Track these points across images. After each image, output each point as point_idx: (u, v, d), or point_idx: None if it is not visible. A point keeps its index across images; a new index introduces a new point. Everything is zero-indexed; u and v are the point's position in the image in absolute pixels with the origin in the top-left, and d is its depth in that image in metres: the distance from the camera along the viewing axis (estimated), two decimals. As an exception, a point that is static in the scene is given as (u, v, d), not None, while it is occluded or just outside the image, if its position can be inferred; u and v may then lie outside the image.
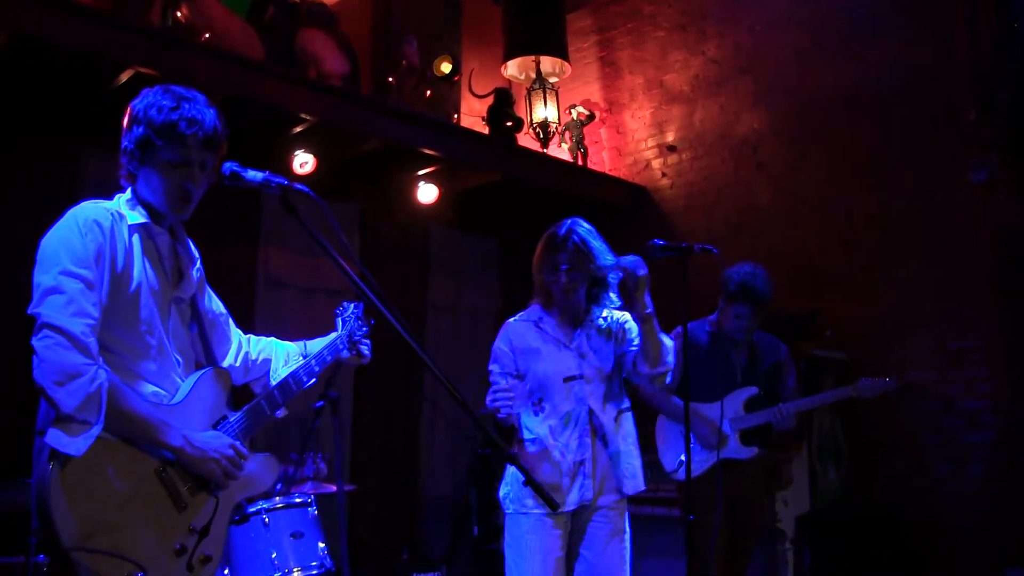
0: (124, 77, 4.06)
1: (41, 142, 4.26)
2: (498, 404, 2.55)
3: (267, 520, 3.18)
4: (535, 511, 2.71)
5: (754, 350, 3.75)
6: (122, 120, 1.98)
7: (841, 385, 4.74)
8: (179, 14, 4.38)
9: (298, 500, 3.33)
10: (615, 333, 2.92)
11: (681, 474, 3.68)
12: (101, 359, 1.79)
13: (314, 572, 3.23)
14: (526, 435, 2.80)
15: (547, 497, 1.92)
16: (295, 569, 3.18)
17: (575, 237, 2.93)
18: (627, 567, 2.84)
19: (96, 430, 1.71)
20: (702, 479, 3.58)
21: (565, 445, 2.77)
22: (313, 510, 3.37)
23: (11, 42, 3.77)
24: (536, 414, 2.79)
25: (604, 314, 2.94)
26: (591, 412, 2.80)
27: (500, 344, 2.96)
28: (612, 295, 2.97)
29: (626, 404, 2.94)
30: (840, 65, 5.22)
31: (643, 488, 2.88)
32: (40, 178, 4.23)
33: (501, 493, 2.86)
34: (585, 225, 2.99)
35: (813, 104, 5.33)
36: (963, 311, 4.60)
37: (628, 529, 2.88)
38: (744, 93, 5.67)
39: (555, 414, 2.78)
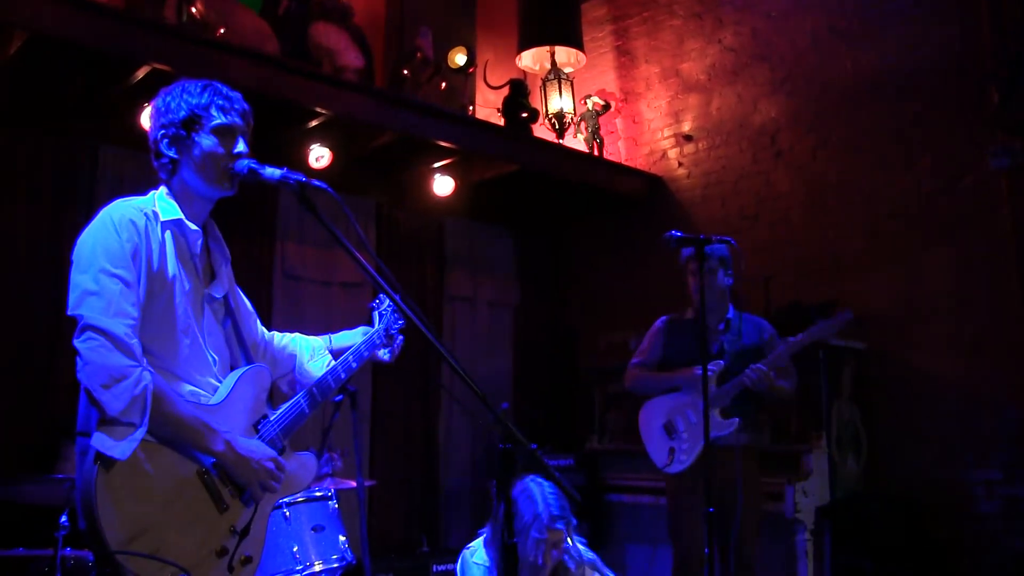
0: (140, 74, 4.08)
1: (59, 139, 4.29)
2: None
3: (288, 514, 3.20)
4: None
5: (733, 332, 3.71)
6: (144, 117, 2.00)
7: (860, 376, 4.76)
8: (194, 10, 4.39)
9: (318, 494, 3.35)
10: None
11: (673, 468, 3.67)
12: (145, 360, 1.80)
13: (335, 565, 3.25)
14: None
15: (570, 492, 1.92)
16: (316, 562, 3.20)
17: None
18: None
19: (140, 433, 1.72)
20: (694, 469, 3.57)
21: None
22: (334, 504, 3.39)
23: (29, 41, 3.80)
24: None
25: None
26: None
27: None
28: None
29: None
30: (859, 50, 5.16)
31: None
32: (59, 174, 4.27)
33: None
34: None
35: (832, 91, 5.27)
36: (986, 299, 4.55)
37: None
38: (761, 81, 5.62)
39: None
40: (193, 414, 1.84)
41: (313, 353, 2.36)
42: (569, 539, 2.94)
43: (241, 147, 1.98)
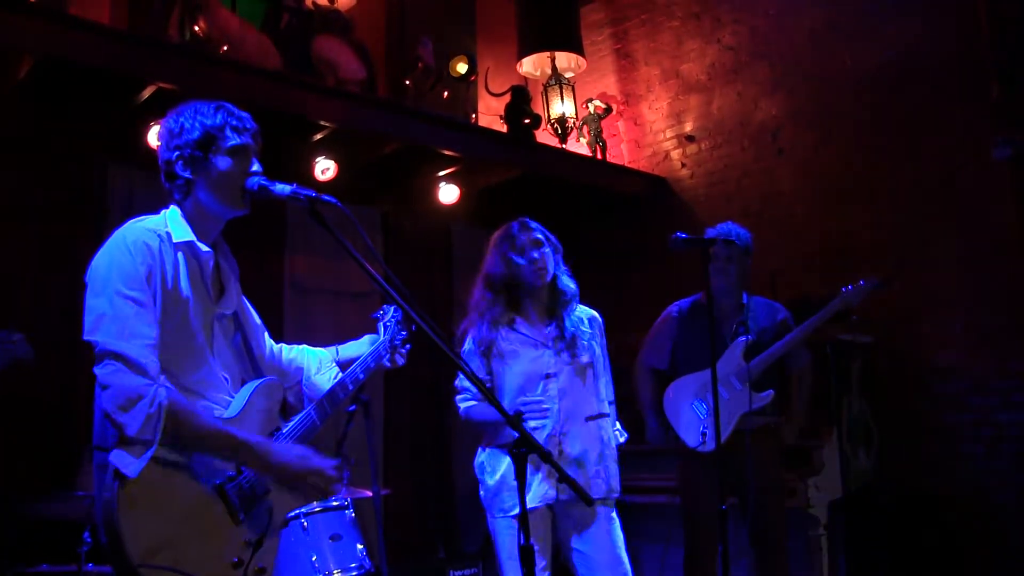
0: (146, 93, 4.14)
1: (69, 159, 4.35)
2: (529, 417, 2.65)
3: (306, 524, 3.23)
4: (510, 514, 2.84)
5: (746, 316, 3.71)
6: (152, 136, 2.03)
7: (869, 369, 4.77)
8: (196, 28, 4.44)
9: (335, 503, 3.38)
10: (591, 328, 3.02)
11: (709, 446, 3.58)
12: (163, 377, 1.83)
13: (354, 573, 3.28)
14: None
15: (581, 492, 1.95)
16: (335, 571, 3.23)
17: (533, 223, 3.03)
18: (619, 555, 2.87)
19: (151, 451, 1.76)
20: (716, 455, 3.55)
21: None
22: (350, 513, 3.42)
23: (37, 64, 3.86)
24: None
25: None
26: (560, 411, 2.86)
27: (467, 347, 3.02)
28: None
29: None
30: (858, 45, 5.18)
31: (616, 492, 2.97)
32: (70, 194, 4.32)
33: (481, 494, 2.99)
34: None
35: (832, 86, 5.29)
36: (992, 289, 4.56)
37: (611, 523, 2.92)
38: (761, 79, 5.64)
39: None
40: (216, 425, 1.87)
41: (320, 365, 2.38)
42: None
43: (256, 166, 2.02)
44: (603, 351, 3.11)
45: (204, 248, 2.02)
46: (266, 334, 2.32)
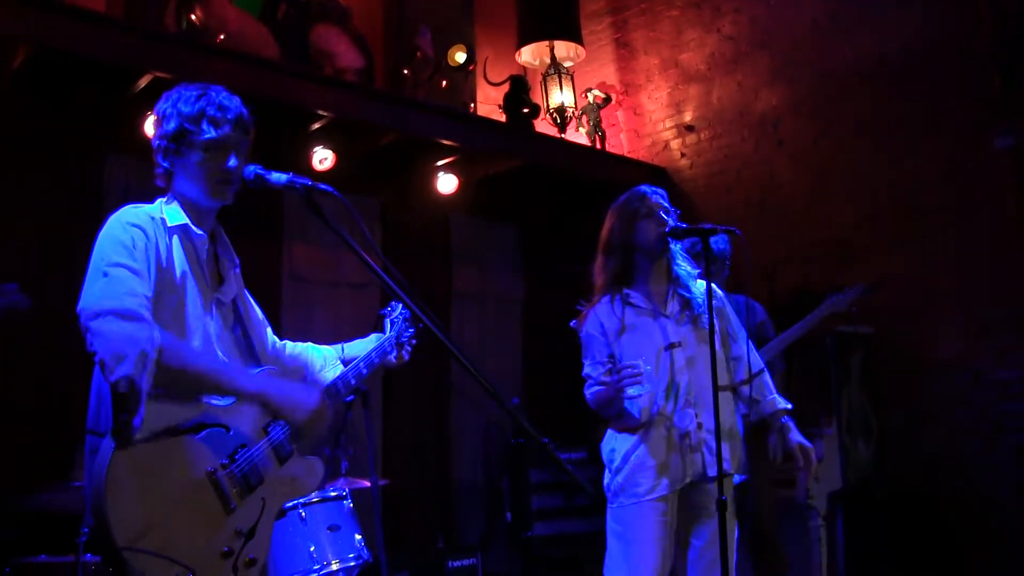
0: (143, 83, 4.11)
1: (66, 149, 4.33)
2: (625, 384, 2.55)
3: (304, 515, 3.23)
4: (646, 498, 2.66)
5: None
6: (147, 125, 2.02)
7: (869, 360, 4.76)
8: (193, 17, 4.41)
9: (333, 494, 3.38)
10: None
11: None
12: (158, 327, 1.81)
13: (352, 564, 3.28)
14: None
15: (583, 485, 1.93)
16: (333, 561, 3.23)
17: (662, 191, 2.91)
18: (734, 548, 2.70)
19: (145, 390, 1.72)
20: None
21: (668, 419, 2.69)
22: (348, 503, 3.42)
23: (32, 54, 3.83)
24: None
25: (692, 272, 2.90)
26: (690, 382, 2.72)
27: (590, 330, 2.88)
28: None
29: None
30: (859, 36, 5.15)
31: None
32: (67, 184, 4.31)
33: (605, 482, 2.79)
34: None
35: (833, 77, 5.26)
36: (992, 281, 4.55)
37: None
38: (761, 69, 5.61)
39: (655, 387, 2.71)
40: (206, 363, 1.88)
41: (325, 362, 2.37)
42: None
43: (232, 162, 1.97)
44: (733, 316, 2.96)
45: (198, 231, 2.01)
46: (269, 329, 2.31)
